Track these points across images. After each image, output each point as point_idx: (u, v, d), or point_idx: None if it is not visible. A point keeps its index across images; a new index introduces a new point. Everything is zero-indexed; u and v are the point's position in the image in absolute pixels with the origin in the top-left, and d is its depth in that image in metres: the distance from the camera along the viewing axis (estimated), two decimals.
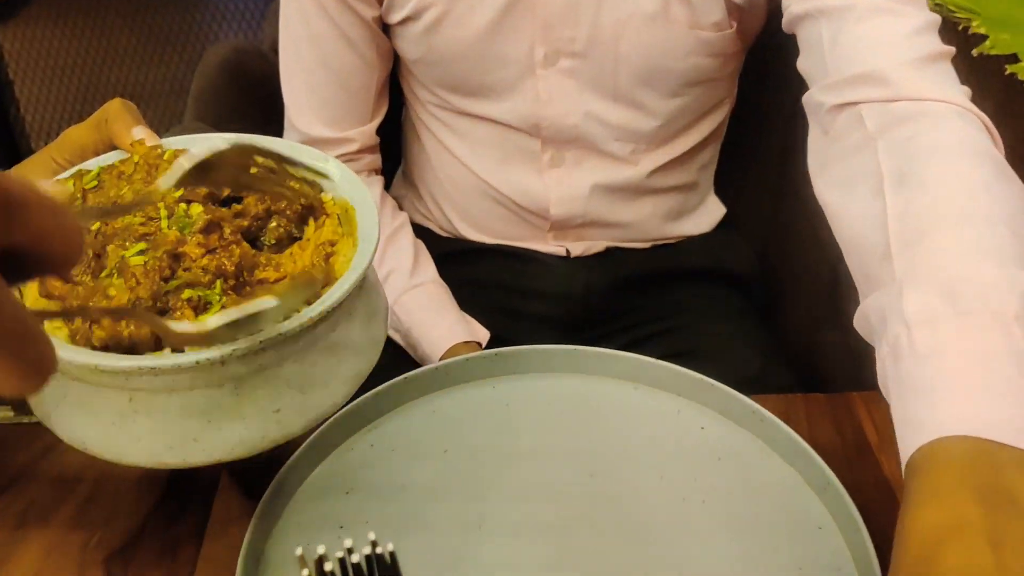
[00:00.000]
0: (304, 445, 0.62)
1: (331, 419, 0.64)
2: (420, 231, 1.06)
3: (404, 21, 0.91)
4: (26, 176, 0.53)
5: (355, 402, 0.66)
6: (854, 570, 0.57)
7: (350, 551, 0.37)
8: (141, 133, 0.56)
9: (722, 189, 1.09)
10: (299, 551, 0.38)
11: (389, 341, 0.99)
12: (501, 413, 0.68)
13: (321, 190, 0.55)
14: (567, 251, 1.02)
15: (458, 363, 0.70)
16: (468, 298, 1.01)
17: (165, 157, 0.55)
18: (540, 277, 1.03)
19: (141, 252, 0.49)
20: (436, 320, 0.96)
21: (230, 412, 0.46)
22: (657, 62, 0.88)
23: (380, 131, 1.01)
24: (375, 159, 1.03)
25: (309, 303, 0.47)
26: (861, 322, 0.60)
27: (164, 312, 0.47)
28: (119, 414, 0.46)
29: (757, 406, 0.66)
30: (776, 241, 1.13)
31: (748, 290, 1.10)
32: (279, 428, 0.48)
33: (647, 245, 1.04)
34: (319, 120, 0.97)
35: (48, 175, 0.56)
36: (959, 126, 0.62)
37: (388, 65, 0.98)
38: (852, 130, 0.66)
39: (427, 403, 0.69)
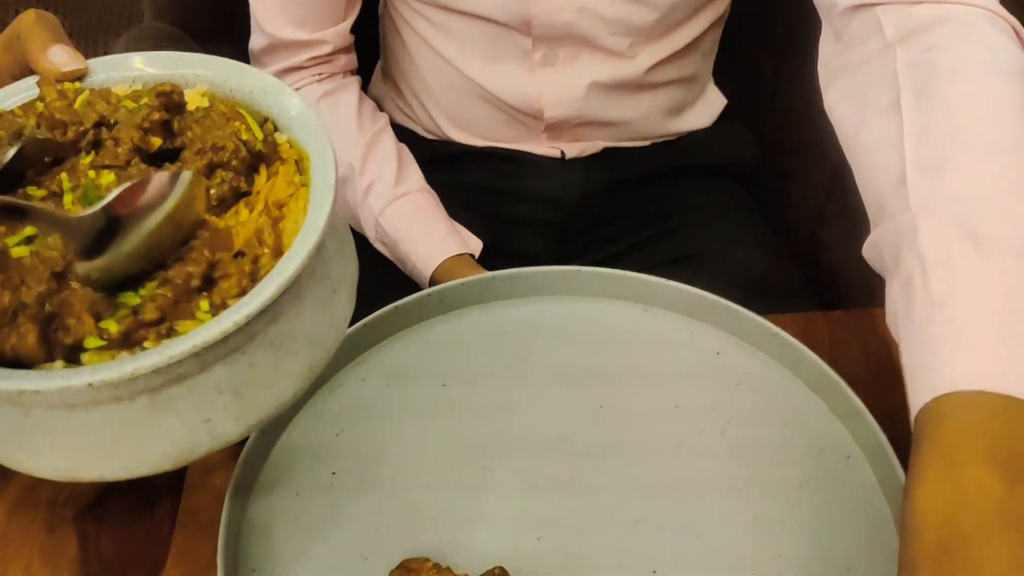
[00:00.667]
0: None
1: None
2: (403, 133, 0.98)
3: None
4: None
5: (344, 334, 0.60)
6: (884, 503, 0.54)
7: None
8: (59, 54, 0.47)
9: (721, 79, 1.02)
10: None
11: (378, 255, 0.93)
12: (500, 341, 0.63)
13: (275, 129, 0.46)
14: (562, 153, 0.95)
15: (452, 288, 0.64)
16: (457, 204, 0.95)
17: (77, 105, 0.45)
18: (533, 180, 0.97)
19: (28, 240, 0.40)
20: (425, 233, 0.90)
21: (148, 427, 0.39)
22: None
23: (355, 27, 0.92)
24: (350, 59, 0.95)
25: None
26: (871, 253, 0.54)
27: (52, 318, 0.38)
28: (16, 429, 0.39)
29: (777, 329, 0.61)
30: (776, 129, 1.07)
31: (750, 183, 1.04)
32: (211, 439, 0.40)
33: (646, 143, 0.98)
34: (288, 21, 0.89)
35: None
36: (989, 35, 0.55)
37: None
38: (868, 36, 0.58)
39: (420, 332, 0.64)
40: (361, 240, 0.94)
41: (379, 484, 0.54)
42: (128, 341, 0.38)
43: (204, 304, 0.39)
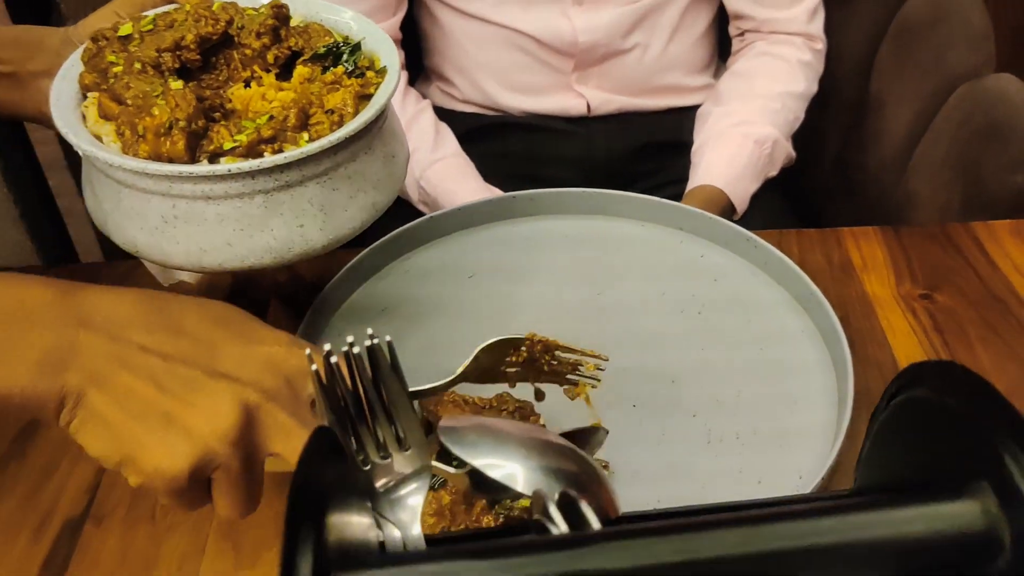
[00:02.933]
0: (343, 270, 0.70)
1: (368, 248, 0.72)
2: (444, 114, 1.12)
3: None
4: (91, 25, 0.61)
5: (390, 234, 0.73)
6: (832, 371, 0.64)
7: (351, 345, 0.40)
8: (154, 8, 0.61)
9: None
10: (307, 351, 0.41)
11: (419, 214, 1.06)
12: (521, 246, 0.76)
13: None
14: (588, 105, 1.08)
15: (481, 204, 0.77)
16: (492, 169, 1.08)
17: (214, 7, 0.61)
18: (561, 144, 1.10)
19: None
20: (459, 189, 1.03)
21: (259, 223, 0.52)
22: None
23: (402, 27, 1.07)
24: (398, 53, 1.10)
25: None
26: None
27: (198, 135, 0.53)
28: (163, 219, 0.52)
29: (751, 234, 0.72)
30: None
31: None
32: (303, 242, 0.54)
33: (663, 104, 1.10)
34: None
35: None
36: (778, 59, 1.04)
37: None
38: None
39: (455, 239, 0.77)
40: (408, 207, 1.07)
41: (415, 345, 0.67)
42: (252, 152, 0.52)
43: (304, 136, 0.53)
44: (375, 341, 0.40)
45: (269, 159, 0.51)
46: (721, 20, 1.14)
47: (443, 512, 0.52)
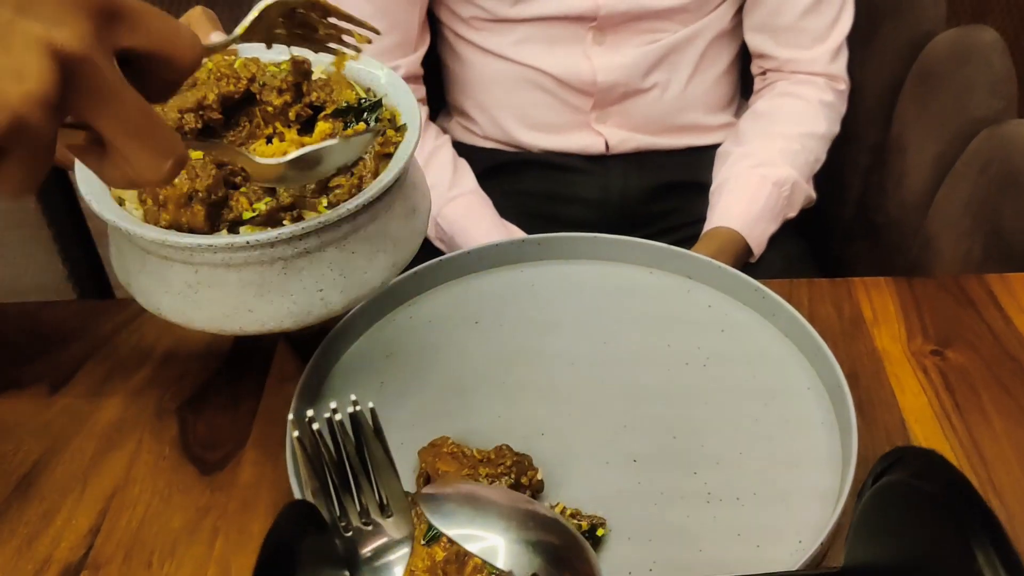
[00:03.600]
0: (348, 316, 0.70)
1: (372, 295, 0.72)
2: (464, 149, 1.13)
3: None
4: None
5: (395, 280, 0.73)
6: (837, 430, 0.63)
7: (334, 411, 0.39)
8: (217, 39, 0.62)
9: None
10: (290, 416, 0.40)
11: (436, 249, 1.07)
12: (527, 292, 0.75)
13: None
14: (606, 144, 1.08)
15: (488, 248, 0.77)
16: (510, 207, 1.08)
17: (236, 65, 0.60)
18: (579, 184, 1.09)
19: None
20: (475, 226, 1.03)
21: (279, 288, 0.53)
22: None
23: (425, 63, 1.08)
24: (418, 88, 1.11)
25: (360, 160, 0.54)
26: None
27: (218, 204, 0.54)
28: (187, 285, 0.54)
29: (759, 284, 0.72)
30: None
31: None
32: (323, 305, 0.54)
33: (681, 143, 1.10)
34: (366, 52, 1.05)
35: None
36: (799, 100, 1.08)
37: None
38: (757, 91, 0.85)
39: (461, 283, 0.76)
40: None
41: (417, 392, 0.67)
42: (272, 220, 0.53)
43: (323, 201, 0.54)
44: (358, 408, 0.39)
45: (287, 229, 0.51)
46: (743, 58, 1.13)
47: (436, 570, 0.52)
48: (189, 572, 0.58)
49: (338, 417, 0.39)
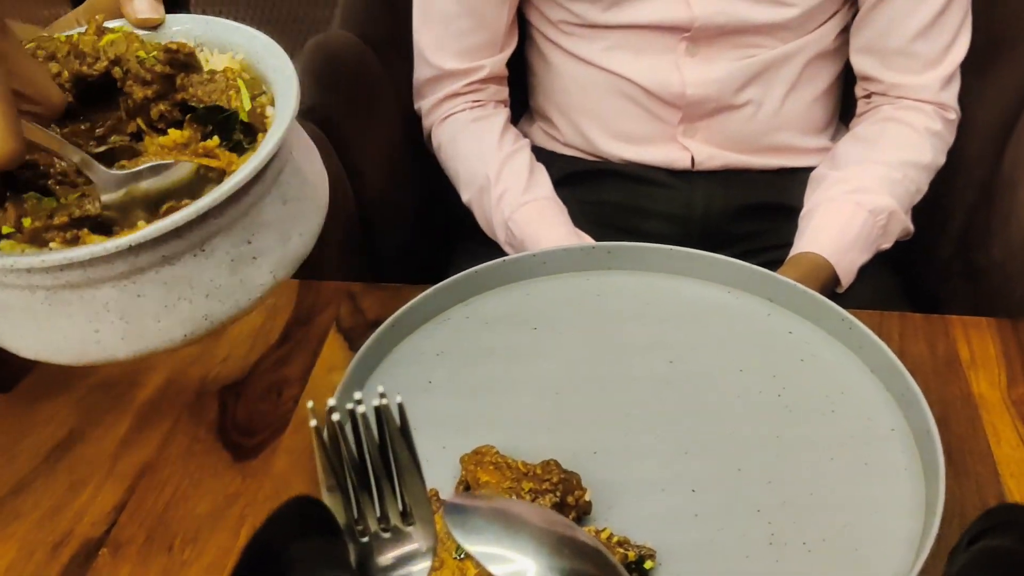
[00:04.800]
0: (403, 309, 0.66)
1: (430, 290, 0.68)
2: (543, 155, 1.09)
3: None
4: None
5: (454, 277, 0.70)
6: (922, 479, 0.57)
7: (358, 402, 0.35)
8: (142, 2, 0.52)
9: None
10: (310, 404, 0.36)
11: (500, 254, 1.03)
12: (591, 302, 0.71)
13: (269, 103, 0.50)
14: (692, 159, 1.03)
15: (554, 252, 0.73)
16: (586, 216, 1.04)
17: (101, 43, 0.50)
18: (661, 198, 1.04)
19: None
20: (547, 233, 0.99)
21: (45, 319, 0.45)
22: None
23: (510, 64, 1.05)
24: (501, 90, 1.07)
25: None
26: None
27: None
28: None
29: (846, 314, 0.66)
30: None
31: None
32: (100, 350, 0.45)
33: (772, 164, 1.04)
34: (452, 54, 1.02)
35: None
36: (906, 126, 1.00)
37: None
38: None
39: (522, 287, 0.72)
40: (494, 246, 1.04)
41: (465, 396, 0.63)
42: (37, 239, 0.45)
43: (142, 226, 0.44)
44: (384, 401, 0.36)
45: (25, 259, 0.42)
46: (845, 79, 1.07)
47: None
48: (210, 559, 0.55)
49: (361, 409, 0.35)
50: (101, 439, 0.62)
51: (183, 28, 0.54)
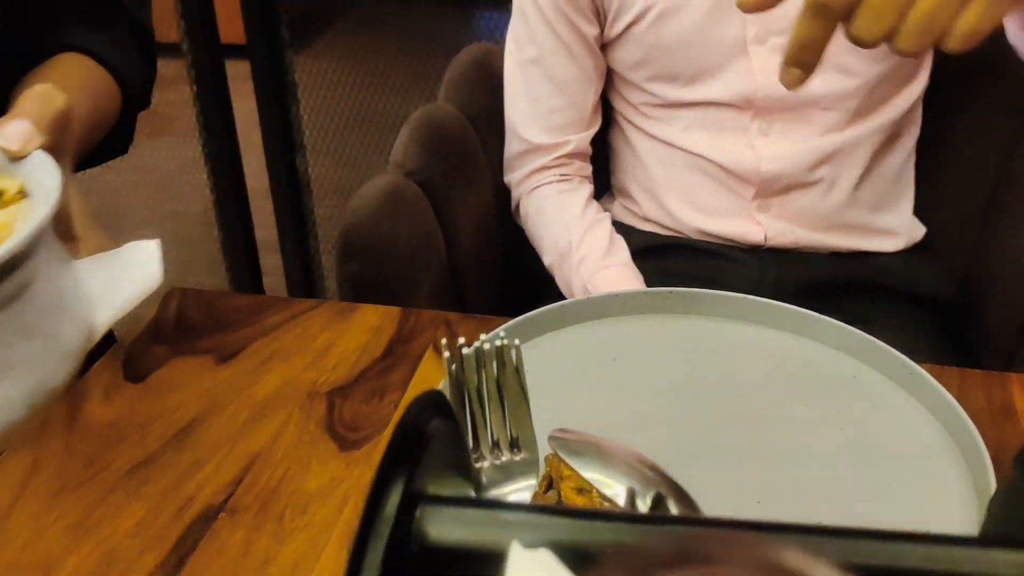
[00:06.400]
0: (502, 327, 0.73)
1: (520, 317, 0.75)
2: (623, 229, 1.17)
3: (630, 25, 1.04)
4: None
5: (544, 308, 0.77)
6: (975, 521, 0.61)
7: (483, 342, 0.41)
8: (13, 130, 0.48)
9: (923, 212, 1.13)
10: (444, 340, 0.43)
11: None
12: (669, 343, 0.77)
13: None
14: (764, 235, 1.09)
15: (634, 294, 0.80)
16: (660, 287, 1.10)
17: None
18: (733, 271, 1.11)
19: None
20: None
21: None
22: None
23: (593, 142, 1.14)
24: (585, 166, 1.16)
25: None
26: None
27: None
28: None
29: (907, 360, 0.71)
30: (975, 268, 1.15)
31: (942, 314, 1.12)
32: None
33: (841, 246, 1.09)
34: (542, 129, 1.12)
35: None
36: None
37: (602, 80, 1.12)
38: None
39: (608, 324, 0.79)
40: None
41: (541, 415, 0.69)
42: None
43: None
44: (504, 341, 0.42)
45: None
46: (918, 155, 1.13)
47: None
48: (317, 530, 0.61)
49: (487, 347, 0.42)
50: (222, 426, 0.70)
51: None
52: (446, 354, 0.42)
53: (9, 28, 0.53)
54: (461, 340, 0.42)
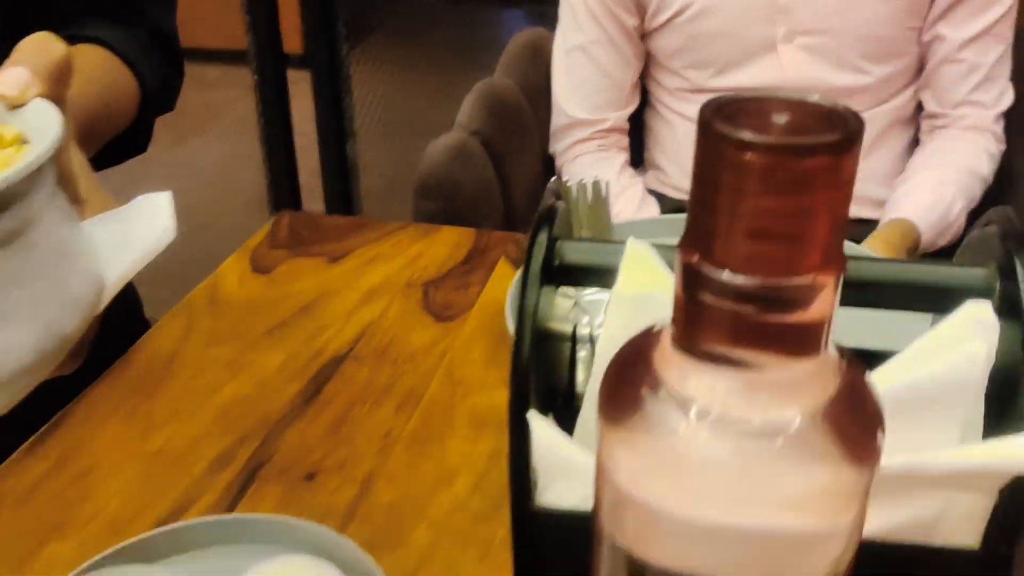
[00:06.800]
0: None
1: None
2: (656, 196, 1.34)
3: (671, 18, 1.22)
4: None
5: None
6: None
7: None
8: (11, 77, 0.46)
9: None
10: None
11: None
12: None
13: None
14: None
15: (664, 219, 0.96)
16: None
17: None
18: None
19: None
20: None
21: None
22: (875, 31, 1.15)
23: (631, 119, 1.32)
24: (622, 139, 1.34)
25: None
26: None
27: None
28: None
29: None
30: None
31: None
32: None
33: (852, 212, 1.27)
34: (583, 106, 1.30)
35: None
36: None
37: (640, 65, 1.30)
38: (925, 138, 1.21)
39: None
40: None
41: None
42: None
43: None
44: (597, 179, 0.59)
45: None
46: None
47: None
48: (420, 373, 0.77)
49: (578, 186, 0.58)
50: (339, 305, 0.86)
51: None
52: (554, 178, 0.58)
53: (9, 28, 0.52)
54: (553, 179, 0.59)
